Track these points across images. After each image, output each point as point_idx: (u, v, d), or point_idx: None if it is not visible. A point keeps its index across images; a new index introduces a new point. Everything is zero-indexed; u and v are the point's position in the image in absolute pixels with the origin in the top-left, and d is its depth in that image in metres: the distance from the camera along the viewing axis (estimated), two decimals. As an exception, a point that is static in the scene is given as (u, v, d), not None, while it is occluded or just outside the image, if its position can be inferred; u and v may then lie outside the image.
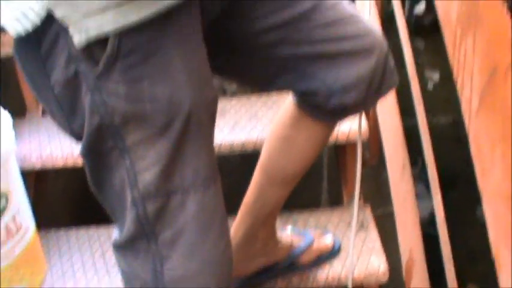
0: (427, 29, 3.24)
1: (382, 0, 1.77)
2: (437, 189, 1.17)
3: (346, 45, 1.13)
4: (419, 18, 3.26)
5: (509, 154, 0.89)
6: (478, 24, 0.96)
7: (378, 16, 1.61)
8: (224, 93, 2.44)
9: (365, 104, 1.21)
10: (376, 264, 1.50)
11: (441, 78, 2.98)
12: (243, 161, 2.40)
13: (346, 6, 1.16)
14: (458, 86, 1.03)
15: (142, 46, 0.92)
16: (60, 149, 1.64)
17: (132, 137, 0.96)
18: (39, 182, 1.77)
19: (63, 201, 1.97)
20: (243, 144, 1.64)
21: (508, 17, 0.88)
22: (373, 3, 1.48)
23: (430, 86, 2.92)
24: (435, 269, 1.35)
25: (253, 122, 1.72)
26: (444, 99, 2.79)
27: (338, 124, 1.32)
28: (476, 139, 0.98)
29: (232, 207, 1.53)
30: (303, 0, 1.11)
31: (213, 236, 1.03)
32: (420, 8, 3.27)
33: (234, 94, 2.40)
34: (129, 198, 1.00)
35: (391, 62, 1.19)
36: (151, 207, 0.99)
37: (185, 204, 1.00)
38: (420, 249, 1.34)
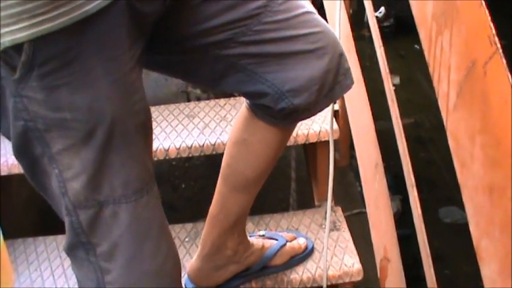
0: (386, 34, 3.29)
1: (350, 2, 1.78)
2: (413, 186, 1.17)
3: (297, 45, 1.10)
4: (378, 22, 3.30)
5: (490, 146, 0.91)
6: (455, 19, 0.97)
7: (347, 17, 1.62)
8: (188, 96, 2.43)
9: (316, 106, 1.17)
10: (350, 263, 1.51)
11: (401, 81, 3.03)
12: (212, 165, 2.39)
13: (299, 3, 1.12)
14: (435, 82, 1.04)
15: (58, 54, 0.90)
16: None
17: (57, 145, 0.95)
18: (4, 190, 1.73)
19: (29, 209, 1.92)
20: (214, 146, 1.63)
21: (486, 10, 0.89)
22: (343, 5, 1.49)
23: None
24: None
25: (222, 124, 1.71)
26: (405, 102, 2.84)
27: (299, 125, 1.30)
28: (455, 133, 0.99)
29: (201, 211, 1.52)
30: None
31: (150, 247, 1.02)
32: (379, 12, 3.32)
33: (198, 98, 2.40)
34: (63, 206, 0.99)
35: (346, 63, 1.16)
36: (83, 216, 0.98)
37: (118, 215, 0.99)
38: (395, 247, 1.35)
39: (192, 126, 1.71)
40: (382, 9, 3.33)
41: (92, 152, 0.95)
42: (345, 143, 1.82)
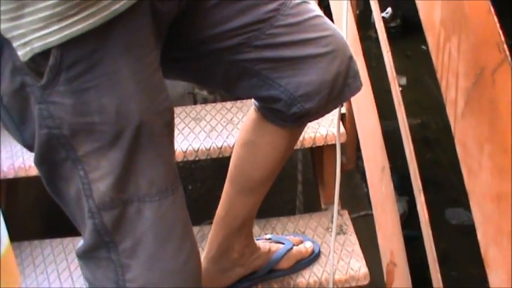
0: (392, 34, 3.29)
1: (357, 3, 1.77)
2: (421, 191, 1.17)
3: (309, 49, 1.11)
4: (385, 23, 3.29)
5: (498, 154, 0.90)
6: (463, 26, 0.96)
7: (354, 18, 1.61)
8: (194, 98, 2.43)
9: (325, 109, 1.19)
10: (357, 267, 1.50)
11: (408, 82, 3.02)
12: (219, 167, 2.39)
13: (310, 6, 1.14)
14: (443, 88, 1.03)
15: (86, 56, 0.90)
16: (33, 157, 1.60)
17: (83, 148, 0.94)
18: (11, 192, 1.73)
19: (36, 212, 1.92)
20: (220, 150, 1.63)
21: (494, 18, 0.89)
22: (349, 5, 1.48)
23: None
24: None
25: (229, 127, 1.71)
26: (412, 102, 2.83)
27: (305, 128, 1.31)
28: (463, 141, 0.98)
29: (207, 213, 1.52)
30: (265, 3, 1.09)
31: (173, 247, 1.01)
32: (386, 13, 3.32)
33: (204, 100, 2.39)
34: (86, 209, 0.98)
35: (355, 66, 1.17)
36: (107, 218, 0.97)
37: (142, 213, 0.98)
38: (402, 251, 1.35)
39: (199, 129, 1.71)
40: (389, 9, 3.32)
41: (120, 153, 0.94)
42: (352, 146, 1.81)
